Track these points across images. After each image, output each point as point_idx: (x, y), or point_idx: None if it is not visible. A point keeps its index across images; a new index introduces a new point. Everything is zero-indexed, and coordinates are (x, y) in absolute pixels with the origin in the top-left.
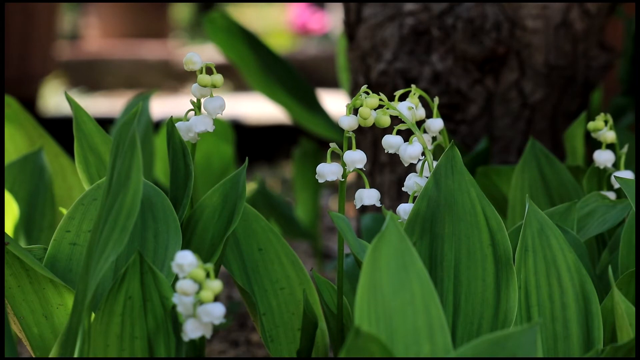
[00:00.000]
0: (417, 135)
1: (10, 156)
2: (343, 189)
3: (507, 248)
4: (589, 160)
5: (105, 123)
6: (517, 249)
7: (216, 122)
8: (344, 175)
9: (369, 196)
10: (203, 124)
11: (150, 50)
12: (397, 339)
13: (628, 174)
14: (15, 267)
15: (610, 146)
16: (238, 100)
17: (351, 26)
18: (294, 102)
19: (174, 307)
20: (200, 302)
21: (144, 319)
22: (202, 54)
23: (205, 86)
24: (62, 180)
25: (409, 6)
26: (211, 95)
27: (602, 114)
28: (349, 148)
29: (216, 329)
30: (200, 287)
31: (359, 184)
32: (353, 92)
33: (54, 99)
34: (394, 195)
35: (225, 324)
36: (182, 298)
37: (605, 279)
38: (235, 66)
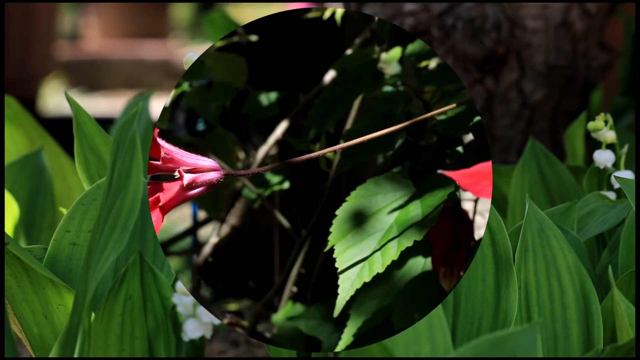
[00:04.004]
0: None
1: (10, 156)
2: None
3: (507, 248)
4: (589, 160)
5: (105, 123)
6: (517, 249)
7: None
8: None
9: None
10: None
11: (150, 50)
12: (397, 339)
13: (628, 174)
14: (15, 267)
15: (610, 146)
16: None
17: None
18: None
19: (174, 307)
20: None
21: (144, 319)
22: None
23: None
24: (62, 180)
25: (409, 6)
26: None
27: (602, 114)
28: None
29: (216, 329)
30: None
31: None
32: None
33: (54, 99)
34: None
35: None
36: (182, 298)
37: (605, 279)
38: None
